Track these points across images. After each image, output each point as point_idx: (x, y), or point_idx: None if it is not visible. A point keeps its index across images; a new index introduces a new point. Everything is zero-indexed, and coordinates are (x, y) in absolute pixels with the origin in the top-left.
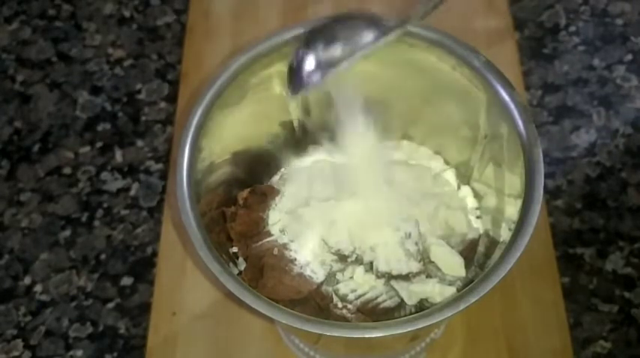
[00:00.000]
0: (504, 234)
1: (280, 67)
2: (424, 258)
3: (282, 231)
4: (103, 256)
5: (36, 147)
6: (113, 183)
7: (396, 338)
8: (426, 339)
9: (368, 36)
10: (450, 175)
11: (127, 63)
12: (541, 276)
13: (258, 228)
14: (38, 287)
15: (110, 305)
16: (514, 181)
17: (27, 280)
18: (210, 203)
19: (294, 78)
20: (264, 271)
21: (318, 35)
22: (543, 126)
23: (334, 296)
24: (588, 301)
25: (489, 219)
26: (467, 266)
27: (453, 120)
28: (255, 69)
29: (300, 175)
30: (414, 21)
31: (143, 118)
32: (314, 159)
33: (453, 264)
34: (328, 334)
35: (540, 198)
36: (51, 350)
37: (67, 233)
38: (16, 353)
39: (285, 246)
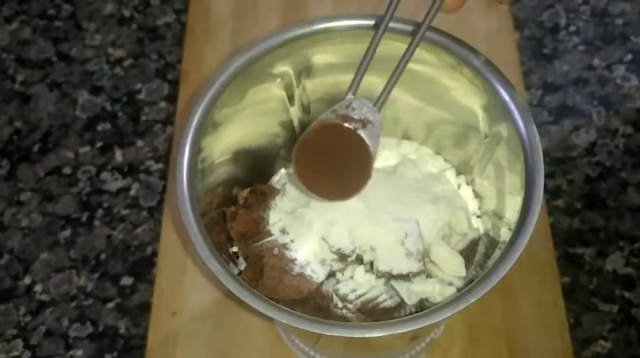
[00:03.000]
0: (504, 234)
1: (280, 67)
2: (424, 257)
3: (282, 230)
4: (103, 256)
5: (36, 147)
6: (113, 183)
7: (396, 338)
8: (426, 339)
9: None
10: (450, 175)
11: (127, 63)
12: (541, 276)
13: (258, 228)
14: (38, 287)
15: (110, 305)
16: (514, 181)
17: (27, 280)
18: (210, 203)
19: None
20: (264, 271)
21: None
22: (543, 126)
23: (334, 296)
24: (588, 301)
25: (489, 219)
26: (467, 266)
27: (453, 121)
28: (255, 69)
29: None
30: None
31: (143, 118)
32: None
33: (453, 264)
34: (328, 334)
35: (540, 198)
36: (51, 350)
37: (67, 233)
38: (16, 353)
39: (285, 246)
